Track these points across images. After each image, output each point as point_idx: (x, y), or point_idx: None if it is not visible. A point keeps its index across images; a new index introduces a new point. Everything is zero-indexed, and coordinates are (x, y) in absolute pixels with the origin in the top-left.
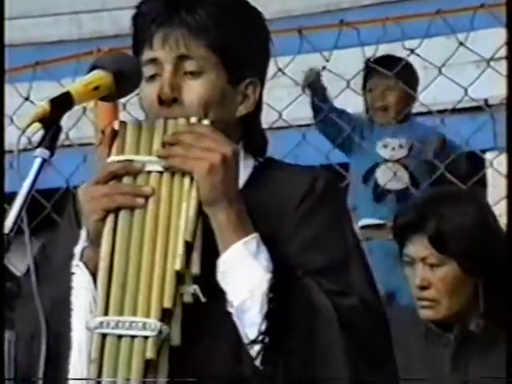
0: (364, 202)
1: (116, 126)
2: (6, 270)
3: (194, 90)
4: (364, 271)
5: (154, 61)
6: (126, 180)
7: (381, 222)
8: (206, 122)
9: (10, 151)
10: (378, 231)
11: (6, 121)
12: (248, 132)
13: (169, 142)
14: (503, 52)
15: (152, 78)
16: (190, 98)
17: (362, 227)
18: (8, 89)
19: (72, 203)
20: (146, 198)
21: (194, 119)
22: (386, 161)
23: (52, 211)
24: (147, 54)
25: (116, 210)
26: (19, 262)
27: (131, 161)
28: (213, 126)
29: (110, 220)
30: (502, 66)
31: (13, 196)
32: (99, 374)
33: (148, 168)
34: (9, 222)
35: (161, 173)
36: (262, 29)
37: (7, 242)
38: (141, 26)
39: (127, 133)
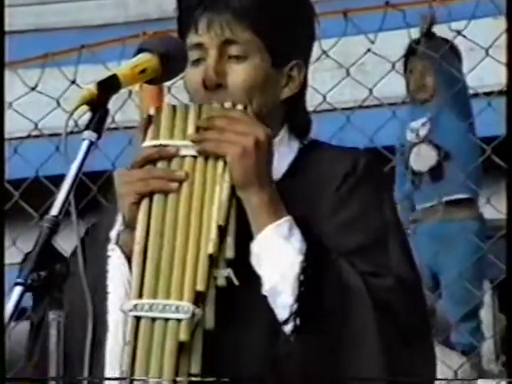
0: (406, 191)
1: (151, 111)
2: (54, 251)
3: (238, 75)
4: (402, 250)
5: (198, 45)
6: (161, 164)
7: (425, 206)
8: (239, 106)
9: (57, 134)
10: (424, 213)
11: (52, 104)
12: (292, 114)
13: (203, 126)
14: None
15: (196, 62)
16: (234, 83)
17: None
18: (54, 72)
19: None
20: (180, 182)
21: (228, 104)
22: (415, 144)
23: (98, 194)
24: (192, 39)
25: (150, 194)
26: (67, 244)
27: (165, 145)
28: (247, 110)
29: (144, 204)
30: None
31: (60, 179)
32: (134, 356)
33: (182, 152)
34: (57, 205)
35: (194, 157)
36: (307, 11)
37: (55, 224)
38: (186, 10)
39: (162, 118)
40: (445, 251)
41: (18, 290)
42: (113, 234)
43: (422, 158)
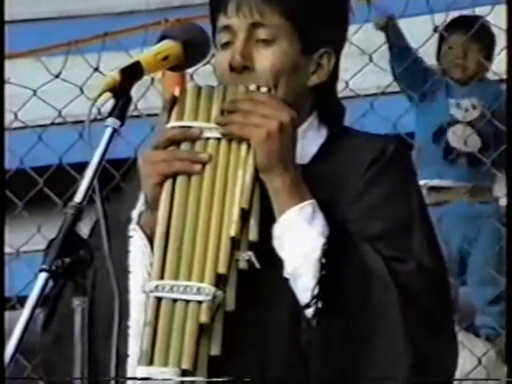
0: (433, 162)
1: (176, 92)
2: (78, 238)
3: (265, 59)
4: (427, 237)
5: (227, 28)
6: (184, 146)
7: (455, 185)
8: (264, 89)
9: (81, 121)
10: (452, 193)
11: (76, 91)
12: (322, 101)
13: (227, 109)
14: None
15: (226, 45)
16: (261, 66)
17: (432, 188)
18: (77, 59)
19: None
20: (203, 164)
21: (252, 87)
22: (458, 121)
23: (121, 181)
24: (222, 21)
25: (173, 176)
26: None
27: (190, 127)
28: (271, 93)
29: (167, 185)
30: None
31: (84, 166)
32: (154, 337)
33: (206, 134)
34: (81, 192)
35: (218, 139)
36: (341, 2)
37: (79, 211)
38: None
39: (186, 99)
40: (473, 233)
41: (43, 276)
42: (134, 213)
43: (464, 140)
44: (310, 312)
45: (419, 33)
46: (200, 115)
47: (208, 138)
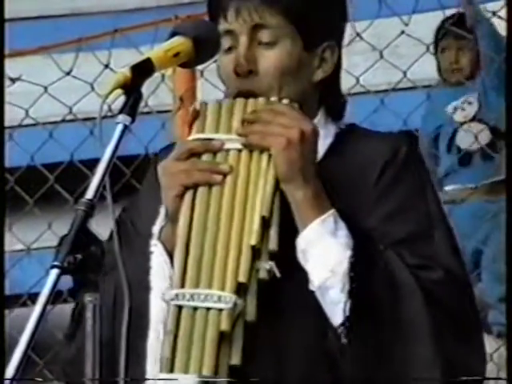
0: (449, 169)
1: (197, 106)
2: (89, 234)
3: (269, 60)
4: (449, 240)
5: (229, 33)
6: (205, 158)
7: (472, 185)
8: (285, 101)
9: (91, 118)
10: (467, 192)
11: (86, 88)
12: (327, 96)
13: (248, 119)
14: None
15: (229, 50)
16: (265, 69)
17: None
18: (87, 56)
19: (154, 170)
20: (224, 175)
21: (274, 98)
22: (462, 124)
23: (131, 178)
24: (223, 26)
25: (194, 187)
26: (101, 227)
27: (211, 139)
28: (292, 104)
29: (188, 196)
30: None
31: (95, 163)
32: (175, 345)
33: (227, 146)
34: (92, 188)
35: (239, 150)
36: None
37: (90, 208)
38: None
39: (208, 112)
40: (488, 230)
41: (54, 272)
42: (155, 229)
43: (472, 137)
44: (343, 331)
45: (430, 29)
46: (221, 127)
47: (229, 150)
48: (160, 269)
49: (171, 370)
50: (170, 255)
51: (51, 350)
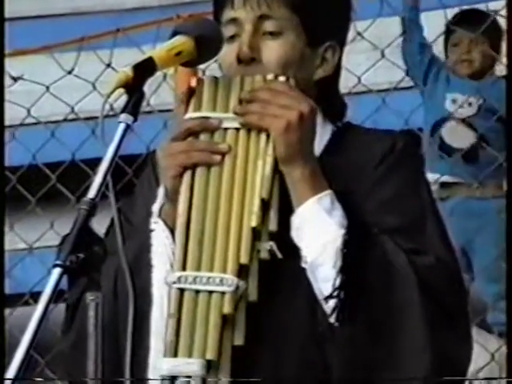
0: (430, 155)
1: (193, 83)
2: (91, 233)
3: (272, 51)
4: (440, 230)
5: (234, 20)
6: (203, 137)
7: (452, 180)
8: (282, 78)
9: (93, 117)
10: (452, 188)
11: (88, 87)
12: (326, 96)
13: (246, 99)
14: None
15: (232, 38)
16: (268, 58)
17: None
18: (90, 56)
19: (151, 167)
20: (223, 154)
21: (270, 76)
22: (453, 118)
23: (133, 177)
24: (228, 14)
25: (193, 167)
26: (103, 226)
27: (208, 118)
28: (289, 82)
29: (186, 176)
30: None
31: (97, 162)
32: (178, 328)
33: (225, 125)
34: (94, 188)
35: (237, 129)
36: None
37: (93, 207)
38: None
39: (204, 89)
40: (479, 229)
41: (56, 271)
42: (155, 207)
43: (458, 136)
44: (331, 304)
45: (432, 28)
46: (218, 105)
47: (227, 129)
48: (162, 245)
49: (175, 354)
50: (172, 231)
51: (52, 350)
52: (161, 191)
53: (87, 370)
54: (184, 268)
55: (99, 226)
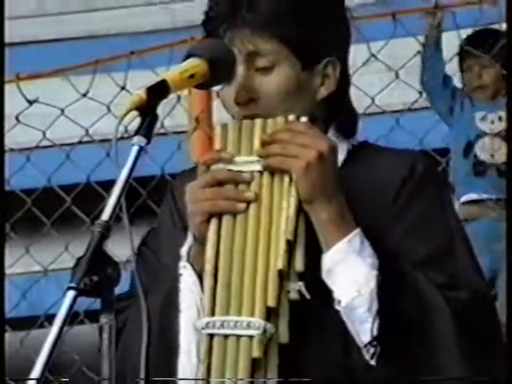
0: (464, 177)
1: (218, 129)
2: (105, 256)
3: (268, 86)
4: (470, 258)
5: None
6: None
7: (484, 196)
8: (303, 119)
9: (107, 140)
10: (481, 208)
11: (103, 110)
12: (337, 113)
13: (266, 141)
14: None
15: None
16: (266, 94)
17: (463, 203)
18: (104, 78)
19: (171, 195)
20: (248, 202)
21: (292, 117)
22: (486, 134)
23: (148, 198)
24: None
25: (219, 214)
26: (117, 249)
27: (240, 172)
28: (309, 123)
29: (213, 223)
30: None
31: (111, 184)
32: (208, 374)
33: (249, 168)
34: (108, 210)
35: (261, 173)
36: (331, 6)
37: (107, 229)
38: (211, 30)
39: (229, 133)
40: (501, 252)
41: (70, 294)
42: (183, 250)
43: (492, 151)
44: (370, 350)
45: (447, 48)
46: (242, 148)
47: (252, 172)
48: (189, 292)
49: None
50: (200, 276)
51: (67, 371)
52: (189, 236)
53: None
54: (213, 313)
55: (114, 248)
